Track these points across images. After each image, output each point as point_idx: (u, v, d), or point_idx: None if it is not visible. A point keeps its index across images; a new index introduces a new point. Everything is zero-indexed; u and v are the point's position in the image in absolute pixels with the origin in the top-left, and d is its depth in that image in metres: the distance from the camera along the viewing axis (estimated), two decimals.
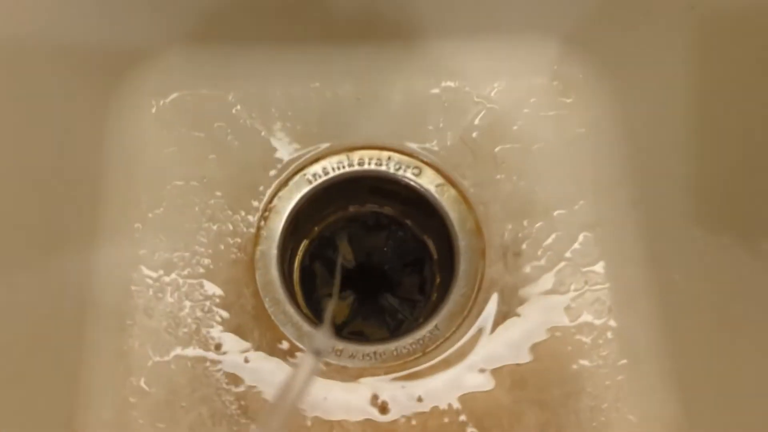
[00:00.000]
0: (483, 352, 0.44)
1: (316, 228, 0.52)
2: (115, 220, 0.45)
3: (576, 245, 0.45)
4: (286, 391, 0.25)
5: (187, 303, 0.44)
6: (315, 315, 0.50)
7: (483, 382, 0.43)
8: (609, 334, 0.43)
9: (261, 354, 0.43)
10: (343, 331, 0.51)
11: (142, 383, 0.42)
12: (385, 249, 0.54)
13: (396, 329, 0.52)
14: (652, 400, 0.42)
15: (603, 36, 0.47)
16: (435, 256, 0.52)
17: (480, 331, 0.44)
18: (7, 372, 0.35)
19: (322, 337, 0.27)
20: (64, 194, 0.42)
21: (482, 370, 0.43)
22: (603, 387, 0.43)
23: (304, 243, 0.52)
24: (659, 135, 0.44)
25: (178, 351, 0.43)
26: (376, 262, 0.54)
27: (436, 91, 0.49)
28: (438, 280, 0.51)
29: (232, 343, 0.43)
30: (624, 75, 0.46)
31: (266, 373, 0.43)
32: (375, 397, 0.43)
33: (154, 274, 0.44)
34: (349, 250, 0.54)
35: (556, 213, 0.46)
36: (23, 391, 0.37)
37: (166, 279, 0.44)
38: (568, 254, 0.45)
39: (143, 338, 0.43)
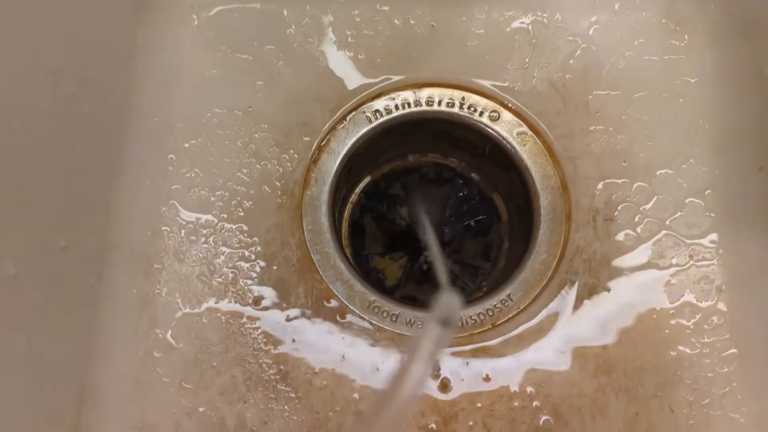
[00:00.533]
0: (564, 330, 0.37)
1: (370, 175, 0.46)
2: (147, 147, 0.39)
3: (681, 212, 0.38)
4: (405, 372, 0.19)
5: (224, 249, 0.38)
6: (365, 273, 0.44)
7: (562, 365, 0.37)
8: (716, 319, 0.37)
9: (306, 312, 0.37)
10: (394, 294, 0.45)
11: (168, 336, 0.36)
12: (446, 206, 0.47)
13: None
14: (764, 399, 0.36)
15: None
16: (504, 218, 0.45)
17: (561, 306, 0.38)
18: (10, 314, 0.30)
19: (450, 301, 0.20)
20: (90, 113, 0.36)
21: (562, 351, 0.37)
22: (705, 379, 0.36)
23: (356, 191, 0.46)
24: None
25: (211, 303, 0.37)
26: (434, 220, 0.48)
27: (524, 23, 0.42)
28: (506, 244, 0.45)
29: (273, 298, 0.38)
30: (755, 13, 0.38)
31: (311, 334, 0.37)
32: (435, 372, 0.37)
33: (188, 214, 0.38)
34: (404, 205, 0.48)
35: (659, 173, 0.39)
36: (29, 339, 0.31)
37: (202, 220, 0.38)
38: (671, 222, 0.38)
39: (172, 285, 0.37)
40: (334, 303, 0.38)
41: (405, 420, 0.19)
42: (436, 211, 0.46)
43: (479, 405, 0.36)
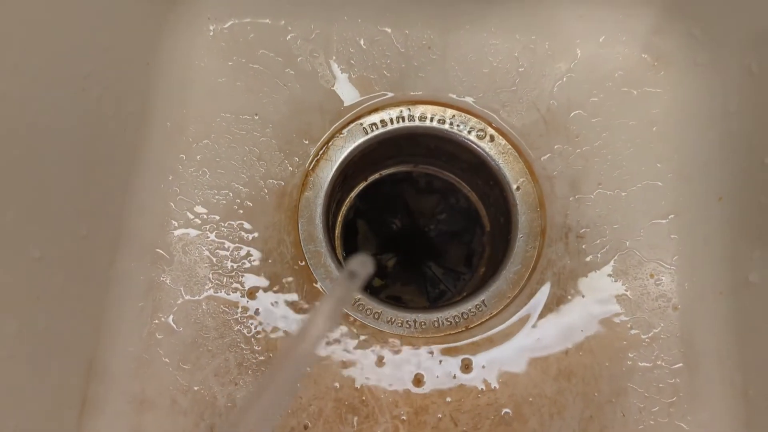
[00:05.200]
0: (530, 336, 0.41)
1: (364, 182, 0.49)
2: (160, 147, 0.43)
3: (647, 233, 0.42)
4: (313, 318, 0.23)
5: (225, 243, 0.42)
6: None
7: (526, 368, 0.40)
8: (670, 333, 0.40)
9: (296, 306, 0.41)
10: (380, 294, 0.49)
11: (170, 320, 0.40)
12: (433, 214, 0.51)
13: (436, 300, 0.49)
14: (709, 411, 0.39)
15: (711, 8, 0.42)
16: (487, 228, 0.49)
17: (529, 314, 0.41)
18: (33, 293, 0.34)
19: (359, 259, 0.24)
20: (111, 115, 0.40)
21: (527, 355, 0.40)
22: (656, 389, 0.40)
23: (350, 196, 0.49)
24: (761, 124, 0.39)
25: (210, 292, 0.41)
26: (422, 226, 0.51)
27: (515, 50, 0.45)
28: (487, 253, 0.48)
29: (266, 291, 0.41)
30: (729, 53, 0.41)
31: (299, 326, 0.41)
32: (411, 375, 0.40)
33: (194, 209, 0.42)
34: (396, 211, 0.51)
35: (628, 195, 0.42)
36: (48, 316, 0.35)
37: (206, 216, 0.42)
38: (636, 242, 0.42)
39: (176, 274, 0.41)
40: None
41: (311, 357, 0.22)
42: (425, 215, 0.50)
43: (448, 399, 0.40)
